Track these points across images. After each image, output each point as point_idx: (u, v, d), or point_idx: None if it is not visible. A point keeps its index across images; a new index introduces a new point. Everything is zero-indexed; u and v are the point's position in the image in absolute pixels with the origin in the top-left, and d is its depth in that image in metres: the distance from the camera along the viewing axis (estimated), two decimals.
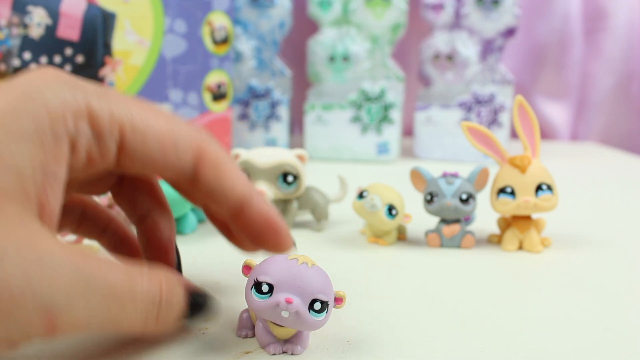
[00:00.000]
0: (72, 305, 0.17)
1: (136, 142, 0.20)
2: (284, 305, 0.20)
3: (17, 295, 0.16)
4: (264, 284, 0.21)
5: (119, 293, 0.18)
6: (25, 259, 0.16)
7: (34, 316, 0.16)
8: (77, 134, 0.19)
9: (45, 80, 0.19)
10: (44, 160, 0.18)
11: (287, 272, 0.21)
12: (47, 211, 0.18)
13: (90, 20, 0.50)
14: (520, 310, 0.26)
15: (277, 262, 0.21)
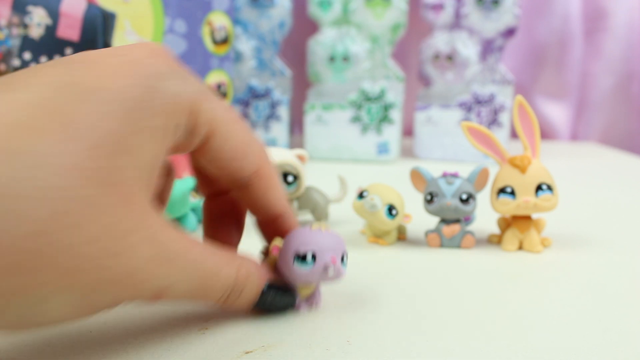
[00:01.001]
0: (177, 287, 0.20)
1: (215, 145, 0.22)
2: (331, 264, 0.24)
3: (142, 280, 0.19)
4: (308, 253, 0.24)
5: (209, 278, 0.21)
6: (146, 250, 0.19)
7: (147, 293, 0.19)
8: (178, 127, 0.20)
9: (161, 67, 0.20)
10: (159, 154, 0.20)
11: (320, 239, 0.24)
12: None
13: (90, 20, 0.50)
14: (520, 310, 0.26)
15: (309, 234, 0.24)
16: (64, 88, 0.18)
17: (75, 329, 0.23)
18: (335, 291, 0.28)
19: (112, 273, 0.18)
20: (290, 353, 0.22)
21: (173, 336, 0.23)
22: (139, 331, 0.23)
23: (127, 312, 0.25)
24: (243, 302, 0.23)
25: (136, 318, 0.24)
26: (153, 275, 0.19)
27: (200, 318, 0.24)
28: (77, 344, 0.22)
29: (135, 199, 0.18)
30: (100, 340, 0.22)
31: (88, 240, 0.17)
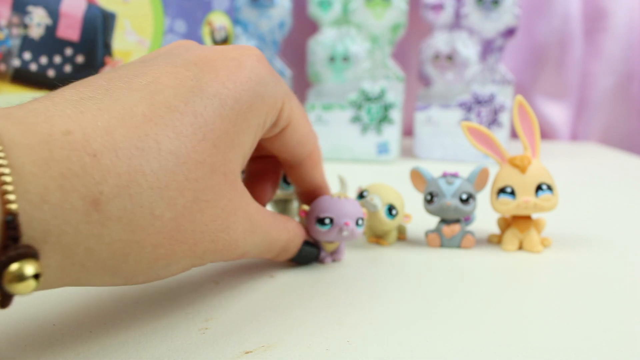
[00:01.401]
0: (253, 250, 0.25)
1: (288, 134, 0.27)
2: (345, 227, 0.29)
3: (237, 247, 0.23)
4: (326, 218, 0.29)
5: (274, 243, 0.27)
6: (245, 224, 0.24)
7: (234, 257, 0.24)
8: (271, 122, 0.25)
9: (264, 73, 0.24)
10: (255, 143, 0.24)
11: (338, 206, 0.30)
12: None
13: (90, 20, 0.50)
14: (520, 310, 0.26)
15: (329, 202, 0.30)
16: (190, 92, 0.21)
17: (76, 329, 0.23)
18: (336, 291, 0.28)
19: (222, 243, 0.22)
20: (290, 353, 0.22)
21: (173, 336, 0.23)
22: (139, 331, 0.23)
23: (127, 312, 0.25)
24: (288, 256, 0.29)
25: (136, 318, 0.24)
26: (245, 243, 0.24)
27: (200, 318, 0.24)
28: (77, 344, 0.22)
29: (237, 183, 0.23)
30: (100, 340, 0.22)
31: (212, 219, 0.21)
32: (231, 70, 0.23)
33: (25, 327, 0.23)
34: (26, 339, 0.22)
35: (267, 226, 0.25)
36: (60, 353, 0.21)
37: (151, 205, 0.19)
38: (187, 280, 0.29)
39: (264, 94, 0.23)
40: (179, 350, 0.22)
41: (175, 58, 0.22)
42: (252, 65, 0.23)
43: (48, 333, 0.23)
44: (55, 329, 0.23)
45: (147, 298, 0.27)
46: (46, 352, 0.21)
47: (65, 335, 0.23)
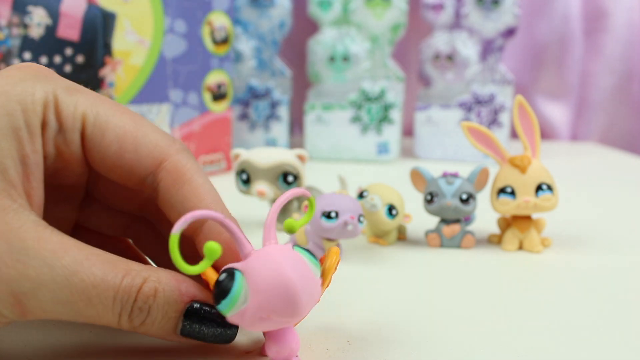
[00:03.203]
0: (38, 295, 0.18)
1: (95, 136, 0.20)
2: (350, 221, 0.30)
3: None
4: (332, 212, 0.30)
5: (86, 290, 0.18)
6: (1, 246, 0.17)
7: (3, 297, 0.17)
8: (45, 125, 0.20)
9: (22, 75, 0.20)
10: (23, 153, 0.19)
11: (343, 200, 0.31)
12: (32, 198, 0.19)
13: (90, 20, 0.50)
14: (520, 310, 0.26)
15: (333, 197, 0.31)
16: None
17: (76, 329, 0.23)
18: (336, 291, 0.28)
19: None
20: None
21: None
22: None
23: None
24: (157, 325, 0.19)
25: None
26: (4, 275, 0.17)
27: None
28: (77, 344, 0.22)
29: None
30: (100, 340, 0.22)
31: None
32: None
33: (26, 327, 0.23)
34: (26, 339, 0.22)
35: (68, 261, 0.18)
36: (60, 353, 0.21)
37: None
38: None
39: (9, 91, 0.19)
40: (179, 350, 0.22)
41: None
42: (3, 71, 0.20)
43: (48, 333, 0.23)
44: (55, 329, 0.23)
45: None
46: (46, 352, 0.21)
47: (65, 335, 0.23)
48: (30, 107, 0.19)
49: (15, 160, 0.18)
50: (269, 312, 0.18)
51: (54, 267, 0.18)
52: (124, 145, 0.20)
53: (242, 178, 0.38)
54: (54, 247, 0.18)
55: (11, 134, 0.19)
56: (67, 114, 0.20)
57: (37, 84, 0.20)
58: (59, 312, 0.18)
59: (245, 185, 0.38)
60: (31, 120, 0.19)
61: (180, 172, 0.21)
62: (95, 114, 0.20)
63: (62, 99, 0.20)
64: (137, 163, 0.21)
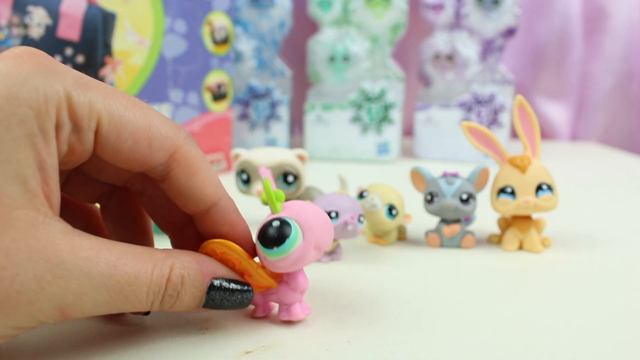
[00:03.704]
0: (80, 303, 0.19)
1: (110, 135, 0.20)
2: (351, 221, 0.30)
3: (33, 299, 0.18)
4: (332, 212, 0.30)
5: (123, 290, 0.19)
6: (37, 267, 0.18)
7: (48, 312, 0.18)
8: (59, 127, 0.19)
9: (25, 70, 0.19)
10: (40, 159, 0.19)
11: (343, 201, 0.31)
12: (52, 200, 0.19)
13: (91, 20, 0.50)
14: (520, 310, 0.26)
15: (333, 197, 0.31)
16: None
17: (76, 329, 0.23)
18: (336, 291, 0.28)
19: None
20: (290, 353, 0.22)
21: (173, 336, 0.23)
22: (139, 331, 0.23)
23: (127, 313, 0.25)
24: (185, 305, 0.21)
25: (137, 318, 0.24)
26: (47, 294, 0.18)
27: (200, 318, 0.24)
28: (78, 344, 0.22)
29: (11, 215, 0.18)
30: (100, 340, 0.22)
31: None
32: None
33: None
34: (26, 339, 0.22)
35: (103, 268, 0.19)
36: (60, 353, 0.21)
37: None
38: None
39: (18, 93, 0.18)
40: (179, 350, 0.22)
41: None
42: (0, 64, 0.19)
43: (48, 333, 0.23)
44: (55, 329, 0.23)
45: None
46: (46, 352, 0.21)
47: (65, 335, 0.23)
48: (43, 110, 0.18)
49: (33, 168, 0.18)
50: (321, 242, 0.23)
51: (91, 276, 0.19)
52: (139, 141, 0.21)
53: (242, 178, 0.38)
54: (87, 255, 0.19)
55: (27, 142, 0.18)
56: (82, 115, 0.20)
57: (47, 82, 0.19)
58: (97, 312, 0.19)
59: (245, 185, 0.38)
60: (45, 125, 0.19)
61: (190, 163, 0.22)
62: (109, 112, 0.20)
63: (75, 98, 0.19)
64: (149, 156, 0.21)
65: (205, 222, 0.23)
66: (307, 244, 0.22)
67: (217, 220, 0.23)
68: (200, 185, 0.22)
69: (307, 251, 0.22)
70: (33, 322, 0.18)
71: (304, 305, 0.24)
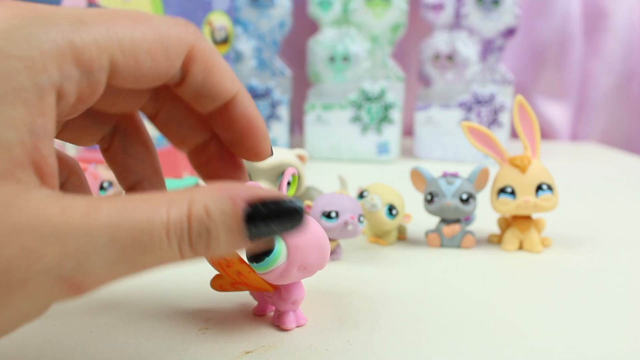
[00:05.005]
0: (88, 267, 0.16)
1: (128, 64, 0.18)
2: (351, 221, 0.30)
3: (24, 277, 0.15)
4: (332, 212, 0.30)
5: (136, 239, 0.16)
6: (23, 239, 0.15)
7: (53, 287, 0.16)
8: (64, 80, 0.17)
9: (10, 22, 0.16)
10: (30, 120, 0.16)
11: (343, 200, 0.30)
12: (44, 168, 0.17)
13: None
14: (520, 310, 0.26)
15: (333, 197, 0.30)
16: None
17: (76, 329, 0.23)
18: (336, 291, 0.28)
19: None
20: (291, 353, 0.22)
21: (173, 336, 0.23)
22: (139, 331, 0.23)
23: (127, 313, 0.25)
24: (224, 242, 0.17)
25: (137, 318, 0.24)
26: (39, 267, 0.15)
27: (200, 318, 0.24)
28: (78, 344, 0.22)
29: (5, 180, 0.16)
30: (100, 340, 0.22)
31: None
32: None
33: (25, 327, 0.23)
34: (26, 339, 0.22)
35: (106, 219, 0.16)
36: (61, 353, 0.21)
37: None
38: (187, 281, 0.29)
39: (3, 47, 0.16)
40: (179, 350, 0.22)
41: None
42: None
43: (48, 333, 0.23)
44: (55, 329, 0.23)
45: (147, 298, 0.27)
46: (46, 352, 0.21)
47: (65, 335, 0.23)
48: (38, 63, 0.16)
49: (20, 131, 0.16)
50: (306, 264, 0.22)
51: (92, 232, 0.16)
52: (156, 57, 0.19)
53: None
54: (82, 211, 0.16)
55: (14, 99, 0.16)
56: (91, 58, 0.17)
57: (40, 30, 0.16)
58: (117, 273, 0.16)
59: None
60: (39, 79, 0.16)
61: (205, 59, 0.20)
62: (120, 43, 0.18)
63: (78, 43, 0.17)
64: (169, 66, 0.20)
65: (223, 120, 0.22)
66: (291, 264, 0.21)
67: (235, 114, 0.22)
68: (218, 80, 0.21)
69: (289, 270, 0.22)
70: (38, 303, 0.16)
71: (298, 314, 0.24)
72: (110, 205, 0.16)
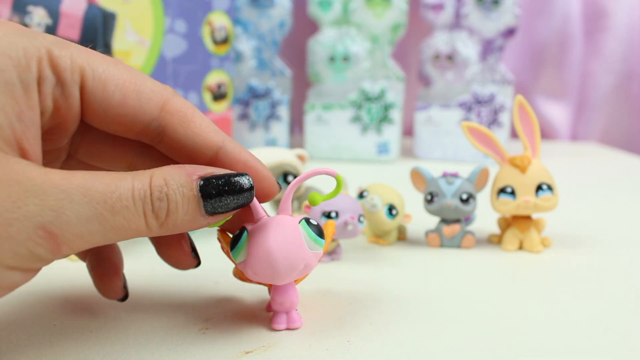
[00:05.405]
0: (64, 219, 0.18)
1: (96, 88, 0.20)
2: (351, 221, 0.30)
3: (10, 219, 0.17)
4: (332, 212, 0.30)
5: (107, 199, 0.18)
6: (10, 189, 0.17)
7: (32, 233, 0.17)
8: (42, 80, 0.19)
9: (4, 31, 0.19)
10: (19, 109, 0.18)
11: (343, 201, 0.30)
12: (29, 154, 0.19)
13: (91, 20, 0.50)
14: (520, 310, 0.26)
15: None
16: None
17: (76, 329, 0.23)
18: (336, 291, 0.28)
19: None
20: (290, 353, 0.22)
21: (173, 336, 0.23)
22: (139, 331, 0.23)
23: (127, 313, 0.25)
24: (183, 211, 0.20)
25: (137, 318, 0.24)
26: (23, 212, 0.17)
27: (200, 318, 0.24)
28: (78, 344, 0.22)
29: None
30: (100, 340, 0.22)
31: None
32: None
33: (26, 327, 0.23)
34: (26, 339, 0.22)
35: (80, 182, 0.18)
36: (61, 353, 0.21)
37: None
38: (187, 280, 0.29)
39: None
40: (179, 350, 0.22)
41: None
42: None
43: (48, 333, 0.23)
44: (55, 329, 0.23)
45: (147, 298, 0.27)
46: (46, 352, 0.21)
47: (65, 335, 0.23)
48: (23, 62, 0.18)
49: (9, 117, 0.18)
50: (256, 271, 0.22)
51: (68, 191, 0.18)
52: (127, 93, 0.21)
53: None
54: (61, 175, 0.18)
55: (4, 90, 0.18)
56: (65, 67, 0.19)
57: (26, 39, 0.19)
58: (89, 232, 0.18)
59: None
60: (25, 76, 0.18)
61: (182, 113, 0.21)
62: (92, 67, 0.20)
63: (55, 52, 0.19)
64: (140, 110, 0.21)
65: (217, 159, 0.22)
66: (247, 264, 0.22)
67: (228, 164, 0.22)
68: (200, 132, 0.22)
69: (246, 269, 0.22)
70: (20, 250, 0.17)
71: (292, 317, 0.24)
72: (85, 173, 0.19)
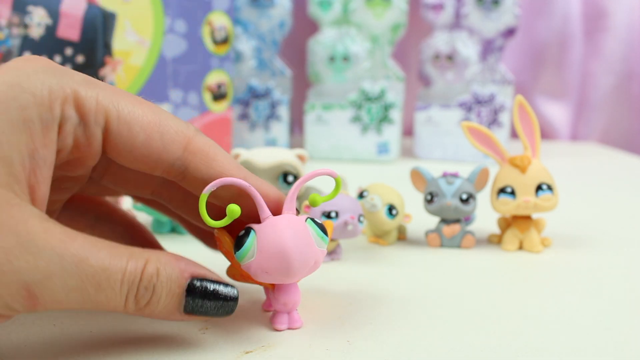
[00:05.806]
0: (49, 284, 0.18)
1: (121, 130, 0.20)
2: (351, 221, 0.30)
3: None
4: (332, 212, 0.30)
5: (96, 275, 0.18)
6: (6, 240, 0.17)
7: (14, 290, 0.17)
8: (64, 119, 0.19)
9: (34, 68, 0.19)
10: (33, 147, 0.19)
11: (343, 200, 0.31)
12: (36, 192, 0.19)
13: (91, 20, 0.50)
14: (520, 310, 0.26)
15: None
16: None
17: (76, 329, 0.23)
18: (336, 291, 0.28)
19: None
20: (290, 353, 0.22)
21: (173, 336, 0.23)
22: (139, 331, 0.23)
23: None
24: (163, 303, 0.20)
25: (136, 318, 0.24)
26: (13, 267, 0.17)
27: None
28: (78, 344, 0.22)
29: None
30: (100, 340, 0.22)
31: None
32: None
33: (26, 327, 0.23)
34: (26, 339, 0.22)
35: (76, 250, 0.18)
36: (61, 353, 0.21)
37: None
38: None
39: (26, 85, 0.19)
40: (179, 350, 0.22)
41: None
42: (9, 65, 0.20)
43: (48, 333, 0.23)
44: (55, 329, 0.23)
45: None
46: (46, 352, 0.21)
47: (65, 335, 0.23)
48: (46, 101, 0.19)
49: (22, 154, 0.18)
50: (268, 269, 0.21)
51: (63, 256, 0.18)
52: (151, 135, 0.21)
53: None
54: (61, 237, 0.18)
55: (22, 127, 0.18)
56: (90, 109, 0.20)
57: (53, 78, 0.19)
58: (68, 300, 0.18)
59: None
60: (45, 115, 0.19)
61: (205, 152, 0.22)
62: (118, 109, 0.20)
63: (81, 93, 0.20)
64: (164, 151, 0.21)
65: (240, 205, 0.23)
66: (256, 263, 0.22)
67: (248, 199, 0.22)
68: (222, 170, 0.22)
69: (255, 269, 0.22)
70: (1, 304, 0.17)
71: (293, 317, 0.24)
72: (84, 240, 0.19)
